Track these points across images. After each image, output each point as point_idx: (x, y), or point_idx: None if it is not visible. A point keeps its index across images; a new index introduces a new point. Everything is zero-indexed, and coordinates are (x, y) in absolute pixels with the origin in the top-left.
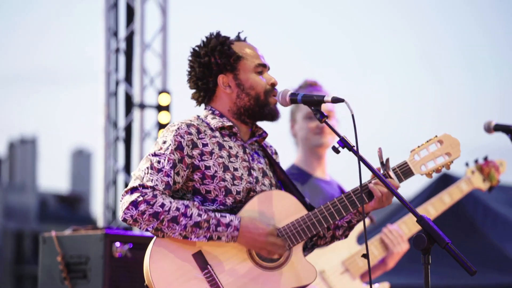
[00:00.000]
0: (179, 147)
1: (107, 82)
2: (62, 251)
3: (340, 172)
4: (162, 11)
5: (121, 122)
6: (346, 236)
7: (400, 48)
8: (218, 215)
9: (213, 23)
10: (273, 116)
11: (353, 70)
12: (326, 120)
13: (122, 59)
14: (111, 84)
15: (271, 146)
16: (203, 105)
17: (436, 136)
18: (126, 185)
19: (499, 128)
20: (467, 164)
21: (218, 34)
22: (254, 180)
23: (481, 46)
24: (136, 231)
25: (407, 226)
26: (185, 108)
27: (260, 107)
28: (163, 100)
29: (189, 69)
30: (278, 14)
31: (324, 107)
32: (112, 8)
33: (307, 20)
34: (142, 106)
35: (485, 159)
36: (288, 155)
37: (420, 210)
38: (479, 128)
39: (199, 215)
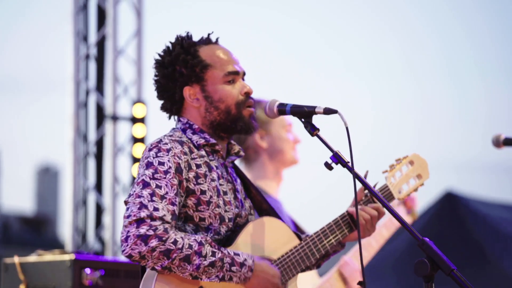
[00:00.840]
0: (178, 170)
1: (76, 92)
2: (26, 279)
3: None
4: (137, 13)
5: (92, 136)
6: (318, 266)
7: (383, 57)
8: (231, 252)
9: (193, 27)
10: (247, 130)
11: (337, 81)
12: (318, 133)
13: (92, 66)
14: (80, 93)
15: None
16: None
17: (406, 156)
18: (98, 205)
19: (509, 142)
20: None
21: (183, 38)
22: (240, 204)
23: (466, 55)
24: (108, 256)
25: (358, 260)
26: (162, 120)
27: (232, 121)
28: (138, 111)
29: (154, 79)
30: (263, 18)
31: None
32: (81, 10)
33: (292, 27)
34: (115, 118)
35: None
36: None
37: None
38: (464, 142)
39: (213, 253)
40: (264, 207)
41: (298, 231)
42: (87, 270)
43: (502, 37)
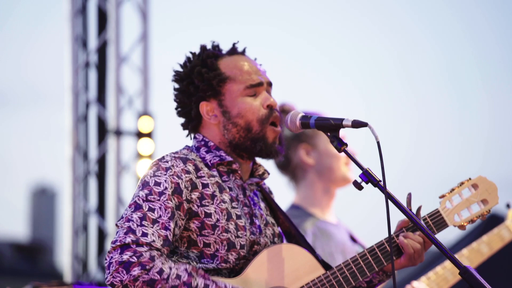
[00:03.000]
0: (176, 191)
1: (75, 104)
2: None
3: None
4: (142, 15)
5: (93, 153)
6: None
7: (377, 61)
8: (229, 286)
9: (205, 29)
10: (268, 153)
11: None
12: (346, 148)
13: (93, 75)
14: (80, 106)
15: (264, 184)
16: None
17: (470, 178)
18: (100, 230)
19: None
20: (508, 206)
21: (204, 48)
22: (258, 230)
23: (467, 58)
24: None
25: (436, 283)
26: (171, 135)
27: (253, 140)
28: (144, 125)
29: (173, 93)
30: (274, 19)
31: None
32: (80, 12)
33: (304, 32)
34: (118, 132)
35: None
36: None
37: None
38: (468, 153)
39: (206, 286)
40: (292, 233)
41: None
42: None
43: (506, 39)
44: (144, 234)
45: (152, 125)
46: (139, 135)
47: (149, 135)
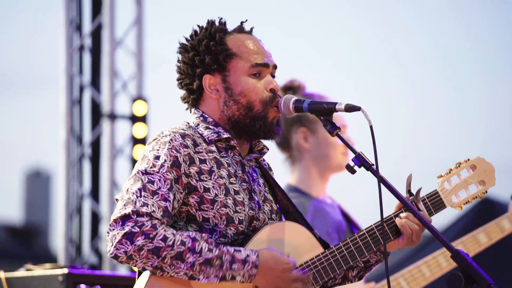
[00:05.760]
0: (175, 164)
1: (69, 87)
2: None
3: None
4: None
5: (87, 137)
6: (360, 278)
7: (370, 52)
8: (231, 249)
9: (201, 15)
10: (266, 133)
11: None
12: (339, 132)
13: (87, 58)
14: (74, 89)
15: (263, 160)
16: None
17: (468, 159)
18: (94, 214)
19: None
20: None
21: (212, 23)
22: (256, 206)
23: (464, 49)
24: (105, 270)
25: (430, 269)
26: (165, 119)
27: (252, 119)
28: (139, 109)
29: (176, 65)
30: (270, 7)
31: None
32: None
33: (310, 19)
34: (112, 116)
35: None
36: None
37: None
38: (463, 142)
39: (210, 250)
40: (290, 210)
41: (356, 229)
42: (82, 286)
43: (502, 25)
44: (144, 205)
45: (146, 109)
46: (133, 119)
47: (143, 119)
